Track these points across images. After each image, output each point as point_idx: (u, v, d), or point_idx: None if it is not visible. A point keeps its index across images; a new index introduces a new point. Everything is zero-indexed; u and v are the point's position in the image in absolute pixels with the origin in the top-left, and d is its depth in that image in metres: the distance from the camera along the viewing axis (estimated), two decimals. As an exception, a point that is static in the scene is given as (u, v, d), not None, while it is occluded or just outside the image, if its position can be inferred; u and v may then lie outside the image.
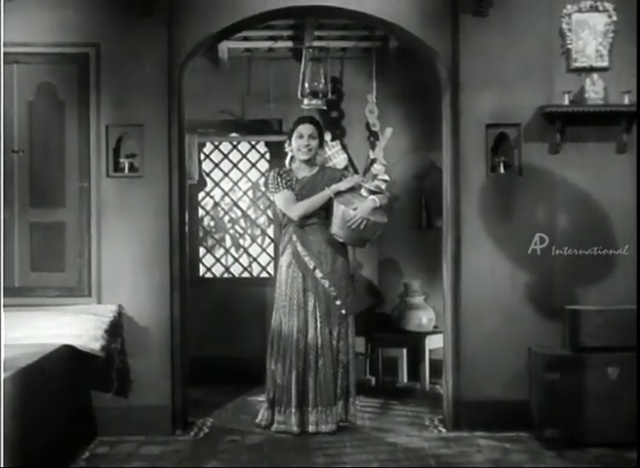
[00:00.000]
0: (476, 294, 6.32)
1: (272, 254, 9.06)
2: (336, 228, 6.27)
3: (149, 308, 6.32)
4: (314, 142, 6.39)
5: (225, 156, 9.13)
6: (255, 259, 9.15)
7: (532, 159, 6.34)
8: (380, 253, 8.77)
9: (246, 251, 9.19)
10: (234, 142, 9.11)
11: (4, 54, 6.18)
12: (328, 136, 8.29)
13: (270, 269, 9.05)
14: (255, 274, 9.17)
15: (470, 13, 6.30)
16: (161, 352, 6.32)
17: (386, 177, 8.39)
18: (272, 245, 9.06)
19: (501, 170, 6.34)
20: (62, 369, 5.66)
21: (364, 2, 6.39)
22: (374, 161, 8.44)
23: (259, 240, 9.19)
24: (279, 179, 6.35)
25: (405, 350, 8.29)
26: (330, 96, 8.22)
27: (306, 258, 6.29)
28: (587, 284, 6.32)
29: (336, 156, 8.37)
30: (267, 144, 9.05)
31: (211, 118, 8.76)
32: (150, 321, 6.32)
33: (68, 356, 5.72)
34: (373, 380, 8.22)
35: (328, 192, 6.29)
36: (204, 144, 9.04)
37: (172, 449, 5.88)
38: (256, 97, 8.80)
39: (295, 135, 6.38)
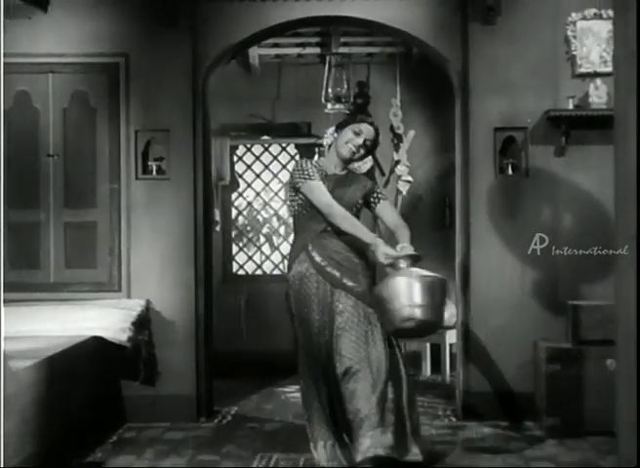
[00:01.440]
0: (484, 291, 6.62)
1: (302, 252, 9.41)
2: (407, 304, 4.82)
3: (175, 303, 6.69)
4: (364, 149, 5.28)
5: (257, 158, 9.52)
6: (285, 257, 9.52)
7: (538, 161, 6.62)
8: (405, 251, 9.05)
9: (277, 249, 9.56)
10: (265, 145, 9.49)
11: (40, 64, 6.70)
12: (353, 139, 8.62)
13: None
14: (285, 271, 9.53)
15: (479, 22, 6.59)
16: (186, 344, 6.70)
17: (410, 178, 8.71)
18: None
19: (509, 171, 6.63)
20: (91, 358, 6.05)
21: (379, 12, 6.72)
22: (398, 162, 8.76)
23: (290, 238, 9.55)
24: (313, 169, 5.18)
25: (428, 344, 8.62)
26: (352, 100, 8.55)
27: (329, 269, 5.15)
28: (592, 281, 6.56)
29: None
30: (297, 146, 9.42)
31: (243, 121, 9.16)
32: (176, 315, 6.70)
33: (97, 347, 6.12)
34: (396, 373, 8.50)
35: (381, 247, 5.05)
36: (236, 147, 9.43)
37: (193, 435, 6.24)
38: (285, 101, 9.17)
39: (351, 129, 5.23)
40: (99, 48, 6.73)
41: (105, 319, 6.28)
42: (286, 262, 9.48)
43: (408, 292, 4.81)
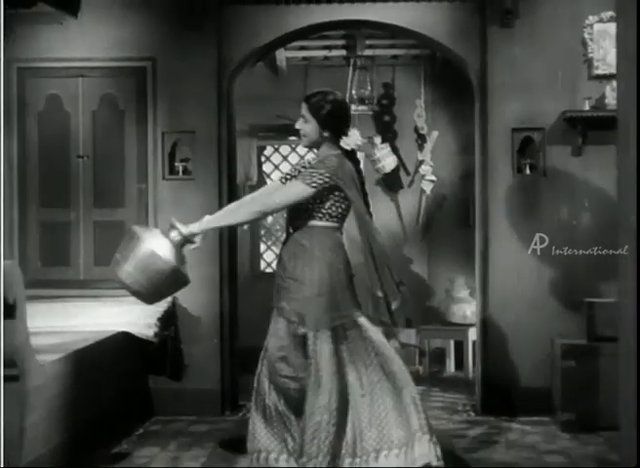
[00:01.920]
0: (502, 288, 6.75)
1: (328, 251, 9.59)
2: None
3: (201, 300, 6.87)
4: (300, 125, 4.74)
5: (284, 158, 9.71)
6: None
7: (555, 161, 6.74)
8: (430, 250, 9.23)
9: (303, 247, 9.73)
10: (292, 145, 9.67)
11: (71, 68, 6.92)
12: (378, 139, 8.80)
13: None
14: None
15: (497, 25, 6.73)
16: (212, 340, 6.88)
17: (433, 178, 8.86)
18: (328, 242, 9.60)
19: (527, 171, 6.76)
20: (118, 353, 6.25)
21: (400, 16, 6.87)
22: (422, 162, 8.91)
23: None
24: None
25: (452, 341, 8.77)
26: (375, 101, 8.70)
27: None
28: (609, 279, 6.65)
29: (385, 158, 8.87)
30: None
31: (270, 122, 9.34)
32: (202, 312, 6.89)
33: (125, 342, 6.33)
34: (420, 370, 8.67)
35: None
36: (264, 147, 9.63)
37: (217, 428, 6.43)
38: (312, 102, 9.32)
39: None
40: (127, 52, 6.93)
41: (132, 315, 6.47)
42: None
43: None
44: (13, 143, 6.96)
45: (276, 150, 9.72)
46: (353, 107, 8.63)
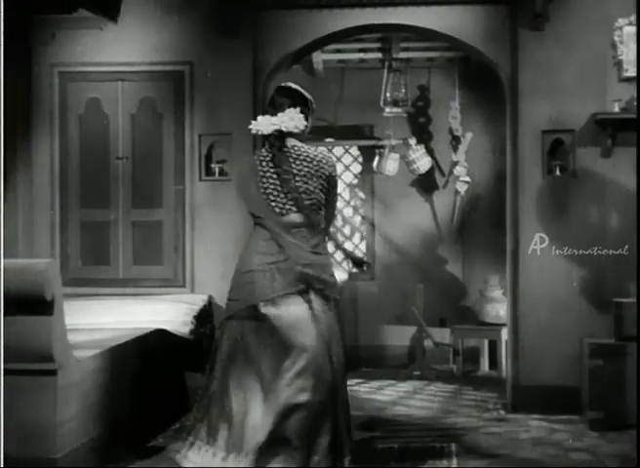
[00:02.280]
0: (532, 288, 6.85)
1: (365, 251, 9.72)
2: None
3: (237, 298, 7.02)
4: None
5: (322, 159, 9.83)
6: (349, 255, 9.80)
7: (585, 162, 6.82)
8: (464, 250, 9.33)
9: (339, 247, 9.84)
10: (329, 146, 9.80)
11: (111, 72, 7.11)
12: (413, 140, 8.93)
13: (363, 265, 9.71)
14: (347, 269, 9.84)
15: (528, 28, 6.83)
16: (247, 337, 7.03)
17: (468, 179, 8.97)
18: (364, 241, 9.73)
19: (557, 172, 6.85)
20: (155, 349, 6.41)
21: (432, 20, 6.99)
22: (456, 163, 9.01)
23: (355, 238, 9.88)
24: None
25: (486, 340, 8.86)
26: (409, 104, 8.81)
27: None
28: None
29: (420, 159, 8.98)
30: (359, 148, 9.72)
31: (307, 124, 9.46)
32: (238, 310, 7.04)
33: (161, 339, 6.48)
34: (454, 369, 8.76)
35: None
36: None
37: (251, 423, 6.57)
38: (348, 104, 9.48)
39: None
40: (165, 57, 7.11)
41: (169, 312, 6.64)
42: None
43: None
44: (55, 146, 7.17)
45: (313, 151, 9.86)
46: (387, 109, 8.78)
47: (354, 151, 9.82)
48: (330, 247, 4.83)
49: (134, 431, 5.88)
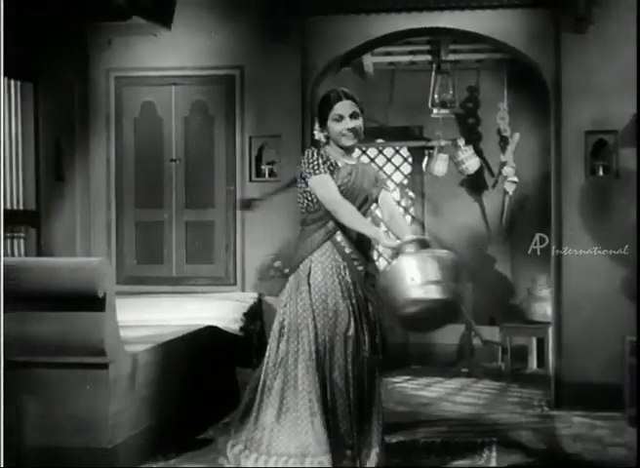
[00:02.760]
0: (576, 286, 6.96)
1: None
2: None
3: (285, 296, 7.22)
4: (358, 123, 4.69)
5: (372, 160, 10.01)
6: (381, 255, 9.98)
7: (628, 163, 6.90)
8: (513, 249, 9.44)
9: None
10: (379, 147, 9.98)
11: (164, 77, 7.36)
12: (461, 141, 9.07)
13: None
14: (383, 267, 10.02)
15: (571, 30, 6.93)
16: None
17: (515, 179, 9.07)
18: (414, 241, 9.89)
19: (600, 173, 6.95)
20: (206, 345, 6.63)
21: (476, 24, 7.13)
22: (504, 164, 9.12)
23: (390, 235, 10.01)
24: (320, 161, 4.68)
25: (534, 339, 8.97)
26: (456, 105, 8.95)
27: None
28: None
29: (468, 160, 9.11)
30: (409, 149, 9.88)
31: (358, 125, 9.64)
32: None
33: (212, 335, 6.70)
34: (502, 366, 8.88)
35: (383, 240, 4.56)
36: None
37: (298, 417, 6.76)
38: (398, 105, 9.65)
39: (330, 118, 4.72)
40: (216, 61, 7.33)
41: (219, 310, 6.86)
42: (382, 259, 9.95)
43: (406, 272, 4.15)
44: (111, 148, 7.43)
45: (364, 152, 10.03)
46: (435, 111, 8.92)
47: (404, 152, 9.98)
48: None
49: (184, 424, 6.10)
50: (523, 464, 5.48)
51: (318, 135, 4.87)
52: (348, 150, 4.81)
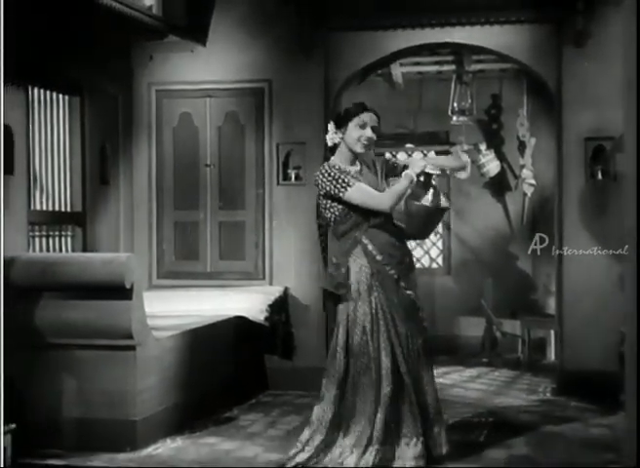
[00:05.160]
0: (576, 282, 7.49)
1: (441, 248, 10.47)
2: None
3: (310, 290, 7.83)
4: (374, 136, 5.19)
5: (402, 164, 10.61)
6: (427, 252, 10.58)
7: (625, 167, 7.38)
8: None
9: (419, 245, 10.63)
10: (409, 152, 10.59)
11: (200, 90, 8.02)
12: (482, 146, 9.64)
13: (440, 261, 10.46)
14: (426, 265, 10.60)
15: (571, 44, 7.47)
16: (319, 325, 7.85)
17: (533, 182, 9.61)
18: (441, 240, 10.49)
19: (599, 176, 7.47)
20: (234, 333, 7.30)
21: (484, 38, 7.69)
22: (523, 167, 9.67)
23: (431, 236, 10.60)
24: (342, 174, 5.10)
25: (553, 331, 9.48)
26: (474, 112, 9.51)
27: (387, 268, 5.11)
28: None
29: (489, 163, 9.67)
30: (437, 153, 10.47)
31: (388, 131, 10.25)
32: (311, 300, 7.86)
33: (241, 324, 7.35)
34: (522, 357, 9.42)
35: (411, 174, 5.05)
36: (382, 154, 10.53)
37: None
38: (426, 112, 10.26)
39: (354, 123, 5.17)
40: (247, 75, 7.98)
41: (247, 302, 7.51)
42: (425, 257, 10.55)
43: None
44: (152, 154, 8.12)
45: (393, 156, 10.61)
46: (454, 118, 9.50)
47: (432, 155, 10.56)
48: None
49: (211, 403, 6.76)
50: (510, 441, 6.02)
51: (332, 136, 5.31)
52: (356, 157, 5.24)
